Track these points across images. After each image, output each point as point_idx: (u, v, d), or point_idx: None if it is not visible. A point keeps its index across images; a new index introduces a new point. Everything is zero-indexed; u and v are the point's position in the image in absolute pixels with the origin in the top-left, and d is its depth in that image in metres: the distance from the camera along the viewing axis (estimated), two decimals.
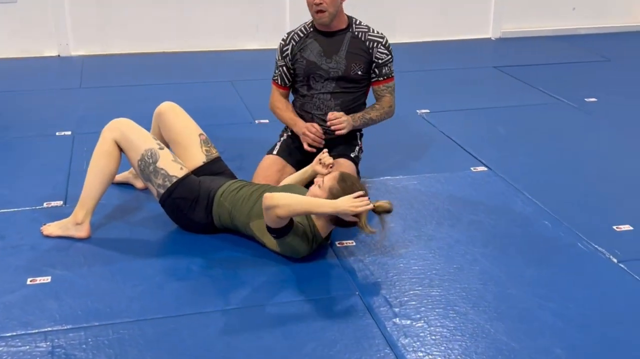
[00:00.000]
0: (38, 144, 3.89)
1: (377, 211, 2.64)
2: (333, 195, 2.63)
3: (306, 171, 3.00)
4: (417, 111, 4.50)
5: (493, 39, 6.48)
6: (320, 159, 2.91)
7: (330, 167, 2.88)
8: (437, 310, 2.47)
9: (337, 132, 3.20)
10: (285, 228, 2.60)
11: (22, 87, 4.91)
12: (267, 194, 2.52)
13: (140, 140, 2.85)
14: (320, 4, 3.16)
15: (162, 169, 2.81)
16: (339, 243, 2.89)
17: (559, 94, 4.86)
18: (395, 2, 6.04)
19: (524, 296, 2.56)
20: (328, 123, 3.19)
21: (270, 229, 2.62)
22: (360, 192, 2.56)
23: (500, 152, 3.88)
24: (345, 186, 2.65)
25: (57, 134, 4.03)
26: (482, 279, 2.66)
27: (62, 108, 4.49)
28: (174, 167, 2.84)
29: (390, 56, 3.32)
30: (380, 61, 3.29)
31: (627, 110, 4.60)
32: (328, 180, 2.69)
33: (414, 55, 3.20)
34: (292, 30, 3.40)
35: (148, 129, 3.10)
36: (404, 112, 4.17)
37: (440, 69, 5.54)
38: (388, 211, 2.65)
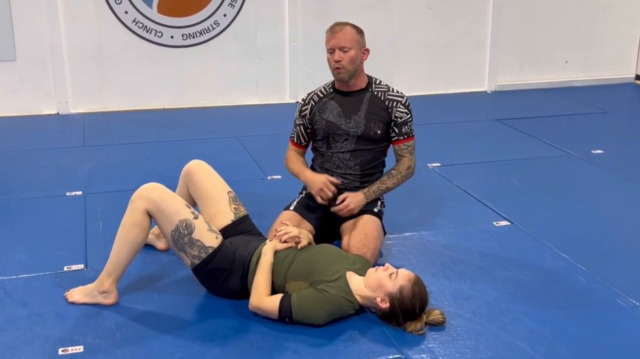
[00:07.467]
0: (49, 206, 3.77)
1: (429, 323, 2.64)
2: (398, 292, 2.57)
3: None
4: (428, 164, 4.48)
5: (489, 92, 6.55)
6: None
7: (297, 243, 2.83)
8: None
9: (347, 214, 3.20)
10: (283, 310, 2.60)
11: (24, 147, 4.81)
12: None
13: (174, 210, 2.71)
14: (339, 61, 3.16)
15: (198, 240, 2.70)
16: None
17: (565, 147, 4.88)
18: (389, 55, 6.09)
19: (574, 355, 2.50)
20: (337, 210, 3.19)
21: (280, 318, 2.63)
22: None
23: (520, 205, 3.85)
24: (415, 290, 2.58)
25: (67, 194, 3.93)
26: (528, 339, 2.59)
27: (68, 167, 4.40)
28: (209, 238, 2.72)
29: (409, 115, 3.29)
30: (399, 120, 3.26)
31: (635, 162, 4.63)
32: (402, 278, 2.60)
33: (413, 108, 3.19)
34: (312, 91, 3.40)
35: (173, 187, 3.03)
36: (415, 166, 4.15)
37: (443, 122, 5.56)
38: (440, 324, 2.65)
